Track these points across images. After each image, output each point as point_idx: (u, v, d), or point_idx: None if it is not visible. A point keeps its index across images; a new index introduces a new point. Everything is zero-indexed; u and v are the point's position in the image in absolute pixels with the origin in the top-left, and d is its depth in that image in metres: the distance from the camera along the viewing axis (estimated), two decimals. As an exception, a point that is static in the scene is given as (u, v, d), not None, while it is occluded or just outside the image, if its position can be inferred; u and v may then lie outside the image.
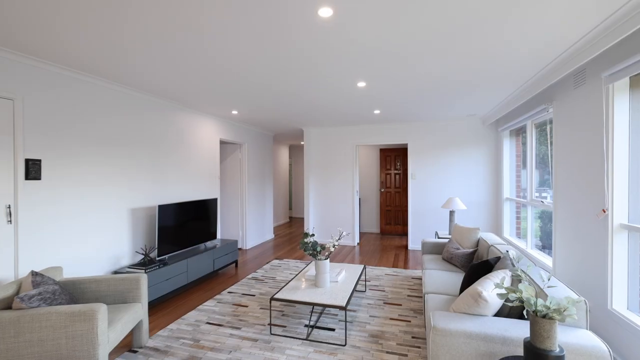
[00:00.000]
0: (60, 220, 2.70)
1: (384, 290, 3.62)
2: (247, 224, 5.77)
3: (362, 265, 3.53)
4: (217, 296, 3.47)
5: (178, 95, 3.62)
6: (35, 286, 1.98)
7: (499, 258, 2.32)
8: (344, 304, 2.47)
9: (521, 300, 1.37)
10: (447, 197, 5.51)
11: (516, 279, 1.68)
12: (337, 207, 6.21)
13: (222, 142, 5.77)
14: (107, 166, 3.11)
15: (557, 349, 1.30)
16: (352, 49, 2.37)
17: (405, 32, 2.07)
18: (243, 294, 3.52)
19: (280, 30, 2.04)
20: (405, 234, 7.08)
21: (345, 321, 2.46)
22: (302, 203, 9.85)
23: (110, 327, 1.99)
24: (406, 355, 2.34)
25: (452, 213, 4.44)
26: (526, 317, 1.75)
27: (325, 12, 1.80)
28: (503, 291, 1.42)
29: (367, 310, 3.10)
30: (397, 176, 7.12)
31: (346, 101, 4.00)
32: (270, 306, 2.63)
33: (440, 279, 2.88)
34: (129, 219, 3.37)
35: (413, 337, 2.58)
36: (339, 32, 2.08)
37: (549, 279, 1.39)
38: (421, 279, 4.01)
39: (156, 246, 3.34)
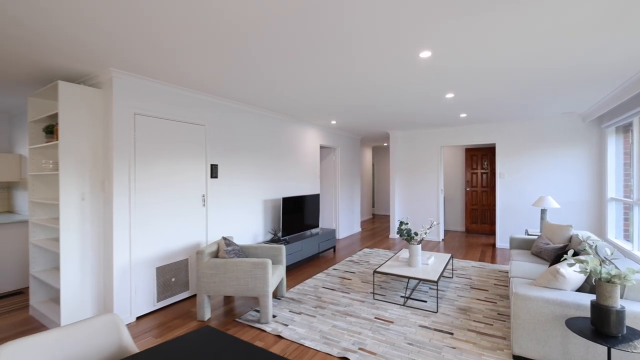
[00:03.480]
0: (226, 206, 3.91)
1: (470, 278, 4.01)
2: (340, 217, 6.65)
3: (449, 254, 3.99)
4: (325, 271, 4.37)
5: (294, 112, 4.65)
6: (227, 246, 3.10)
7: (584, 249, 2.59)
8: (435, 279, 3.05)
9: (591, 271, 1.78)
10: (537, 196, 5.45)
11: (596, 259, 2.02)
12: (422, 205, 6.63)
13: (320, 147, 6.76)
14: (250, 167, 4.28)
15: (619, 306, 1.69)
16: (443, 74, 2.92)
17: (494, 57, 2.55)
18: (345, 271, 4.35)
19: (385, 67, 2.74)
20: (492, 233, 7.05)
21: (437, 293, 3.03)
22: (384, 201, 10.39)
23: (272, 276, 2.98)
24: (492, 325, 2.79)
25: (543, 211, 4.50)
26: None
27: (425, 54, 2.43)
28: (572, 261, 1.83)
29: (454, 291, 3.58)
30: (484, 175, 7.12)
31: (433, 109, 4.49)
32: (374, 277, 3.36)
33: (526, 267, 3.19)
34: (262, 207, 4.51)
35: (499, 314, 3.00)
36: (433, 65, 2.68)
37: (612, 254, 1.76)
38: (508, 272, 4.23)
39: (281, 228, 4.41)
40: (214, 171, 3.72)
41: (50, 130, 2.95)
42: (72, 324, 1.27)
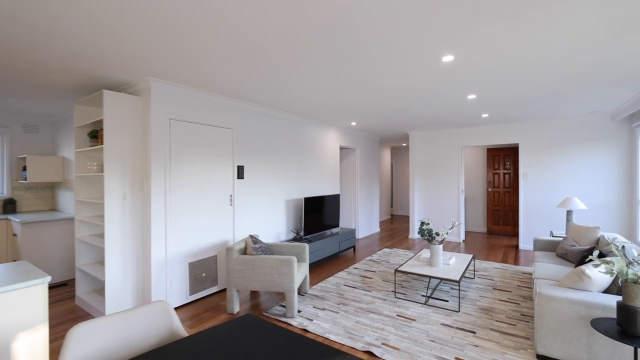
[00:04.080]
0: (252, 205, 4.08)
1: (492, 279, 4.00)
2: (359, 217, 6.73)
3: (471, 255, 3.99)
4: (346, 270, 4.46)
5: (316, 114, 4.78)
6: (255, 243, 3.26)
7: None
8: (457, 279, 3.09)
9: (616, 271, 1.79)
10: (563, 197, 5.33)
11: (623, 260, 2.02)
12: (442, 206, 6.60)
13: (340, 148, 6.86)
14: (273, 167, 4.44)
15: (646, 307, 1.70)
16: (466, 77, 2.96)
17: (518, 60, 2.58)
18: (366, 270, 4.43)
19: (407, 72, 2.80)
20: (515, 234, 6.92)
21: (459, 293, 3.07)
22: (402, 201, 10.36)
23: (297, 273, 3.11)
24: (515, 325, 2.81)
25: (569, 213, 4.41)
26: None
27: (448, 58, 2.49)
28: (597, 262, 1.85)
29: (476, 292, 3.59)
30: (507, 176, 7.01)
31: (454, 109, 4.49)
32: (395, 276, 3.43)
33: (551, 269, 3.17)
34: (285, 206, 4.67)
35: (522, 315, 3.00)
36: (455, 69, 2.72)
37: (639, 255, 1.77)
38: (532, 274, 4.18)
39: (303, 227, 4.55)
40: (240, 172, 3.90)
41: (94, 135, 3.20)
42: (131, 309, 1.43)
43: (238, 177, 3.88)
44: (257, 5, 1.73)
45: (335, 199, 5.42)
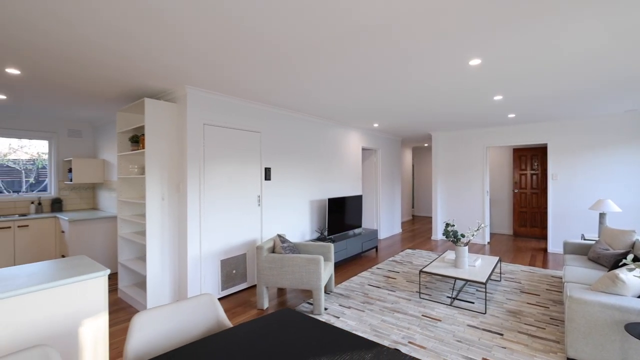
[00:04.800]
0: (278, 206, 4.23)
1: (520, 282, 3.94)
2: (381, 217, 6.75)
3: (497, 257, 3.95)
4: (369, 270, 4.53)
5: (339, 117, 4.87)
6: (283, 242, 3.39)
7: (648, 254, 2.50)
8: (484, 280, 3.09)
9: (651, 276, 1.78)
10: (595, 199, 5.14)
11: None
12: (466, 207, 6.51)
13: (362, 149, 6.91)
14: (298, 169, 4.58)
15: (684, 313, 1.68)
16: (492, 79, 2.96)
17: (547, 62, 2.56)
18: (389, 270, 4.48)
19: (434, 76, 2.84)
20: (543, 237, 6.72)
21: (485, 294, 3.07)
22: (424, 202, 10.26)
23: (324, 271, 3.22)
24: (544, 328, 2.78)
25: (602, 215, 4.27)
26: (668, 300, 2.04)
27: (475, 62, 2.51)
28: (632, 266, 1.83)
29: (503, 294, 3.56)
30: (534, 177, 6.81)
31: (479, 110, 4.45)
32: (420, 276, 3.47)
33: (582, 273, 3.10)
34: (309, 207, 4.79)
35: (552, 319, 2.96)
36: (482, 72, 2.74)
37: None
38: (562, 278, 4.08)
39: (326, 227, 4.65)
40: (267, 174, 4.06)
41: (136, 140, 3.45)
42: (181, 300, 1.59)
43: (265, 179, 4.03)
44: (286, 20, 1.85)
45: (357, 200, 5.49)
